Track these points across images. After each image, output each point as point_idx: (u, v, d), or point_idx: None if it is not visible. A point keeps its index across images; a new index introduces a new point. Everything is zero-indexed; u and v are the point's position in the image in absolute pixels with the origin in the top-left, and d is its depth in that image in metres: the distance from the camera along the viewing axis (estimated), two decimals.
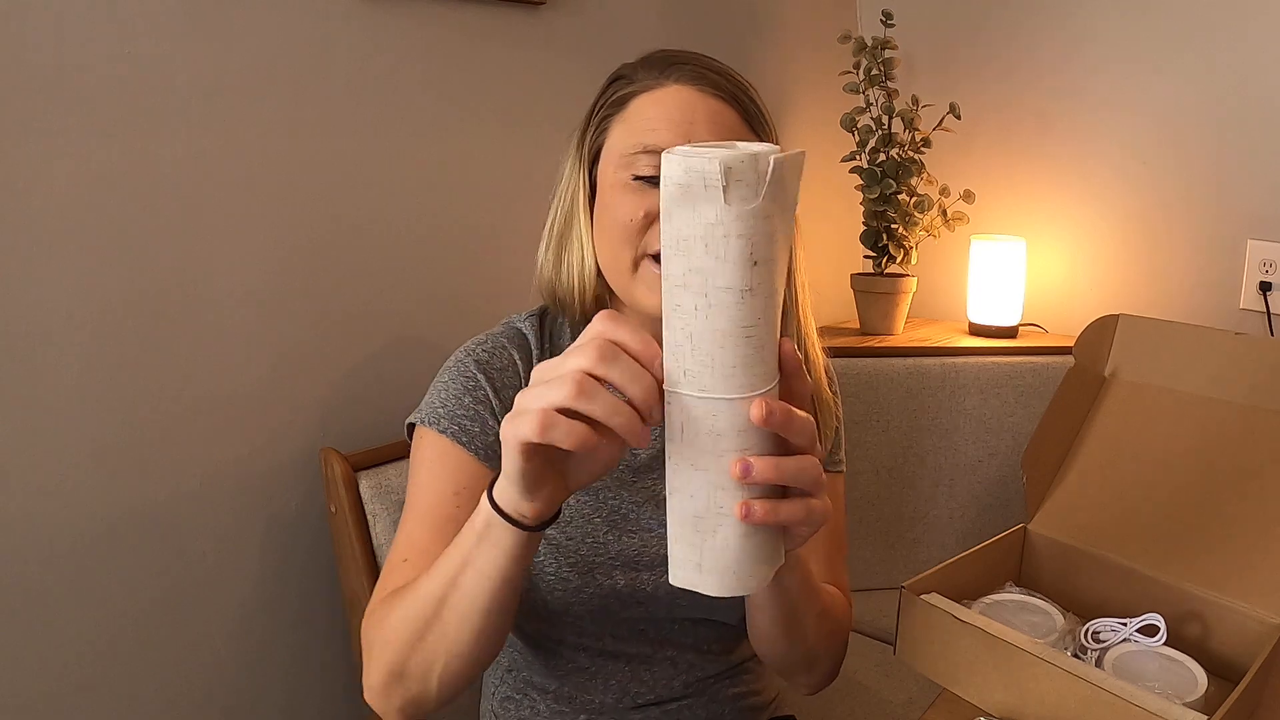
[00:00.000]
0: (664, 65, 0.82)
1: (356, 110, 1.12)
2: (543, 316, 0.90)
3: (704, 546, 0.57)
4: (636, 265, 0.80)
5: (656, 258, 0.78)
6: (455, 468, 0.80)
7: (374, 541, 1.05)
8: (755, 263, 0.52)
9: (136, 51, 0.94)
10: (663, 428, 0.57)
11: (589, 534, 0.83)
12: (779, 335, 0.56)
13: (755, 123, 0.82)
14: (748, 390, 0.54)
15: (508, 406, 0.81)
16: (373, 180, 1.15)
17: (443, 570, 0.67)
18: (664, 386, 0.56)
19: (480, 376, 0.83)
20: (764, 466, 0.54)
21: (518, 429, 0.56)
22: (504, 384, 0.84)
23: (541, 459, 0.58)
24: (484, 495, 0.64)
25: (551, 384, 0.55)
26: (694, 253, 0.53)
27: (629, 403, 0.55)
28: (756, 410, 0.53)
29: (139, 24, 0.94)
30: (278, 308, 1.08)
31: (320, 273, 1.11)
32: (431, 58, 1.18)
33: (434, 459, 0.81)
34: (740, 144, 0.55)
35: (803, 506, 0.57)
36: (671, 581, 0.59)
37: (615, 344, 0.55)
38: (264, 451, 1.08)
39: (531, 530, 0.63)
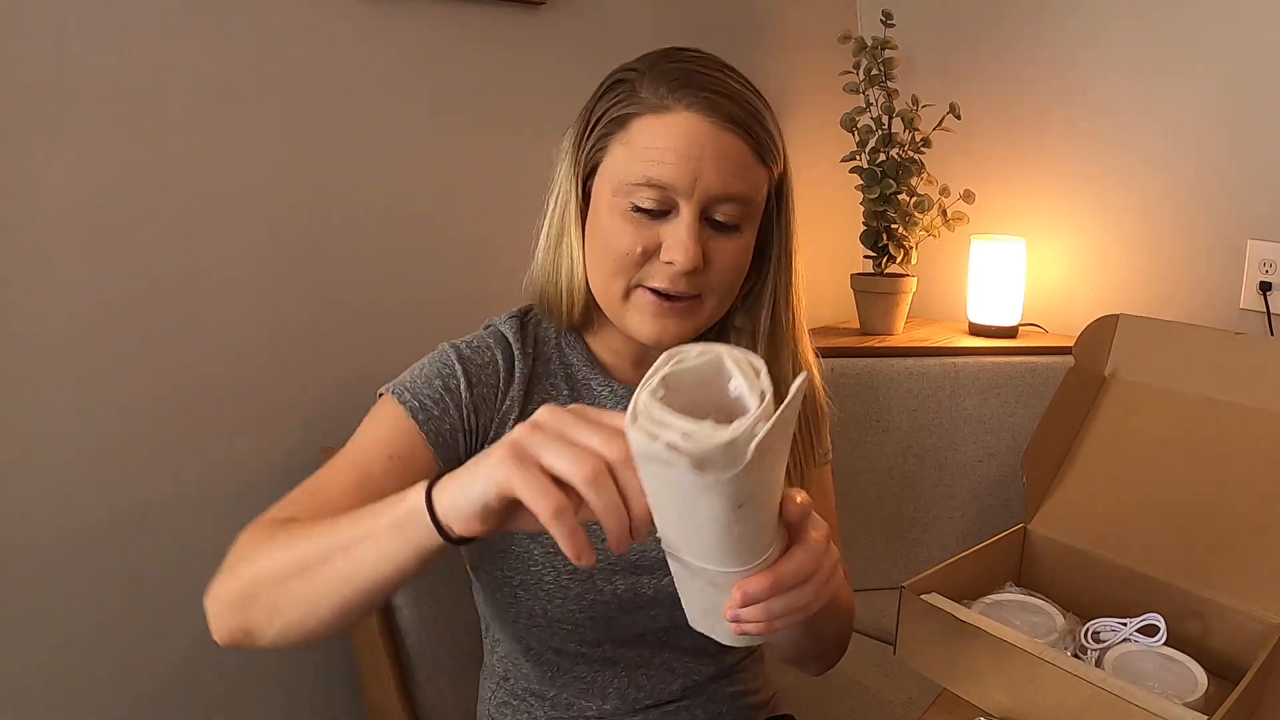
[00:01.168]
0: (673, 85, 0.76)
1: (356, 110, 1.12)
2: (523, 318, 0.88)
3: (716, 627, 0.59)
4: (629, 294, 0.79)
5: (653, 288, 0.77)
6: (399, 435, 0.78)
7: None
8: (740, 505, 0.50)
9: (136, 51, 0.94)
10: None
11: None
12: (779, 503, 0.55)
13: (766, 153, 0.79)
14: (741, 565, 0.54)
15: (478, 402, 0.81)
16: (372, 180, 1.15)
17: (341, 531, 0.64)
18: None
19: (458, 367, 0.81)
20: (753, 615, 0.55)
21: (510, 479, 0.54)
22: (480, 380, 0.82)
23: (510, 505, 0.57)
24: (420, 487, 0.60)
25: (567, 453, 0.53)
26: (670, 505, 0.52)
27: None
28: (738, 592, 0.54)
29: (139, 24, 0.94)
30: (277, 307, 1.08)
31: (320, 272, 1.11)
32: (431, 58, 1.18)
33: (385, 421, 0.79)
34: (725, 378, 0.52)
35: (795, 603, 0.57)
36: (692, 626, 0.61)
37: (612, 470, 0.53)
38: (264, 451, 1.08)
39: (451, 542, 0.60)
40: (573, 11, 1.33)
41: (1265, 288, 1.44)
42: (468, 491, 0.57)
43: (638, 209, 0.76)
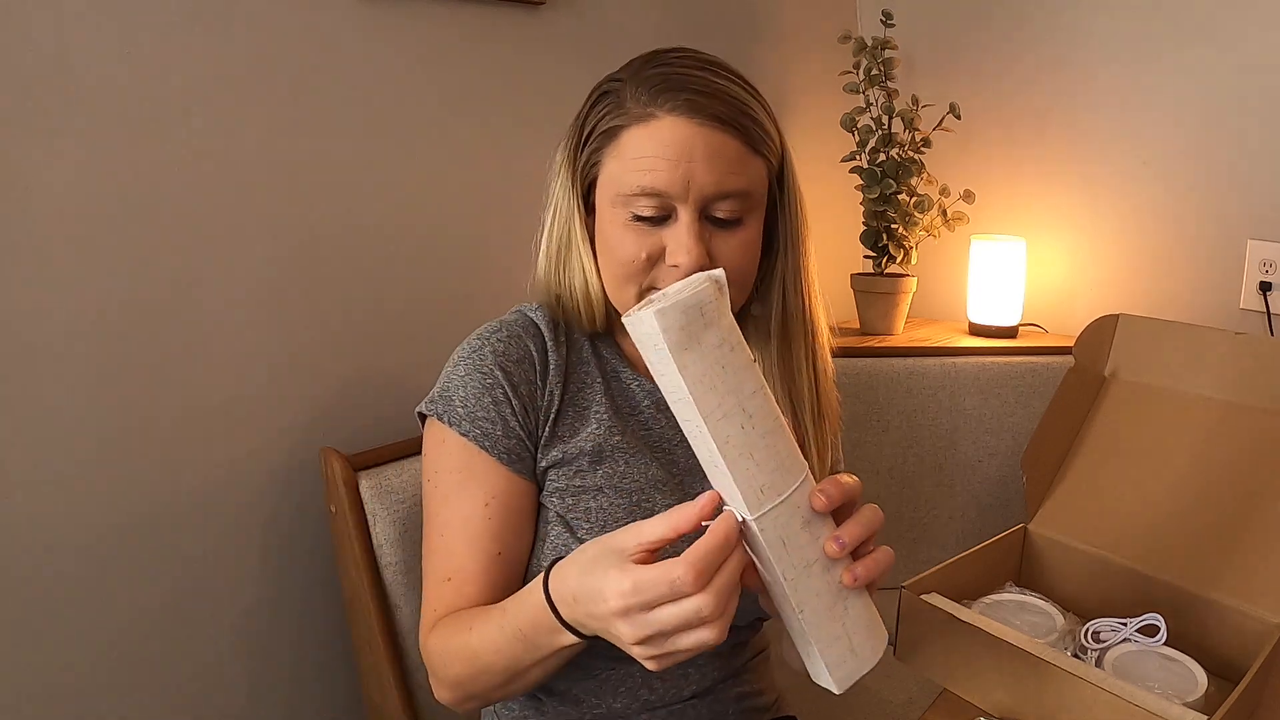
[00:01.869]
0: (654, 91, 0.76)
1: (356, 110, 1.12)
2: (553, 315, 0.88)
3: (847, 626, 0.64)
4: (641, 298, 0.79)
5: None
6: (481, 475, 0.81)
7: (374, 541, 1.05)
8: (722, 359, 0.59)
9: (136, 51, 0.94)
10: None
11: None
12: (779, 422, 0.62)
13: (759, 145, 0.79)
14: (803, 473, 0.62)
15: (526, 405, 0.82)
16: (372, 180, 1.14)
17: (508, 654, 0.72)
18: (745, 518, 0.60)
19: (498, 373, 0.81)
20: (852, 535, 0.63)
21: (633, 650, 0.61)
22: (521, 378, 0.82)
23: None
24: (554, 624, 0.67)
25: (704, 626, 0.59)
26: (709, 392, 0.59)
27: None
28: (817, 500, 0.63)
29: (139, 24, 0.94)
30: (278, 307, 1.08)
31: (320, 272, 1.11)
32: (431, 58, 1.18)
33: (459, 465, 0.81)
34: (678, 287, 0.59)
35: (885, 554, 0.66)
36: (838, 691, 0.66)
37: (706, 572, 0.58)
38: (264, 452, 1.08)
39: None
40: (573, 11, 1.33)
41: (1265, 288, 1.44)
42: (586, 625, 0.65)
43: (638, 218, 0.77)
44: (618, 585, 0.59)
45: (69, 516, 0.95)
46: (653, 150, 0.76)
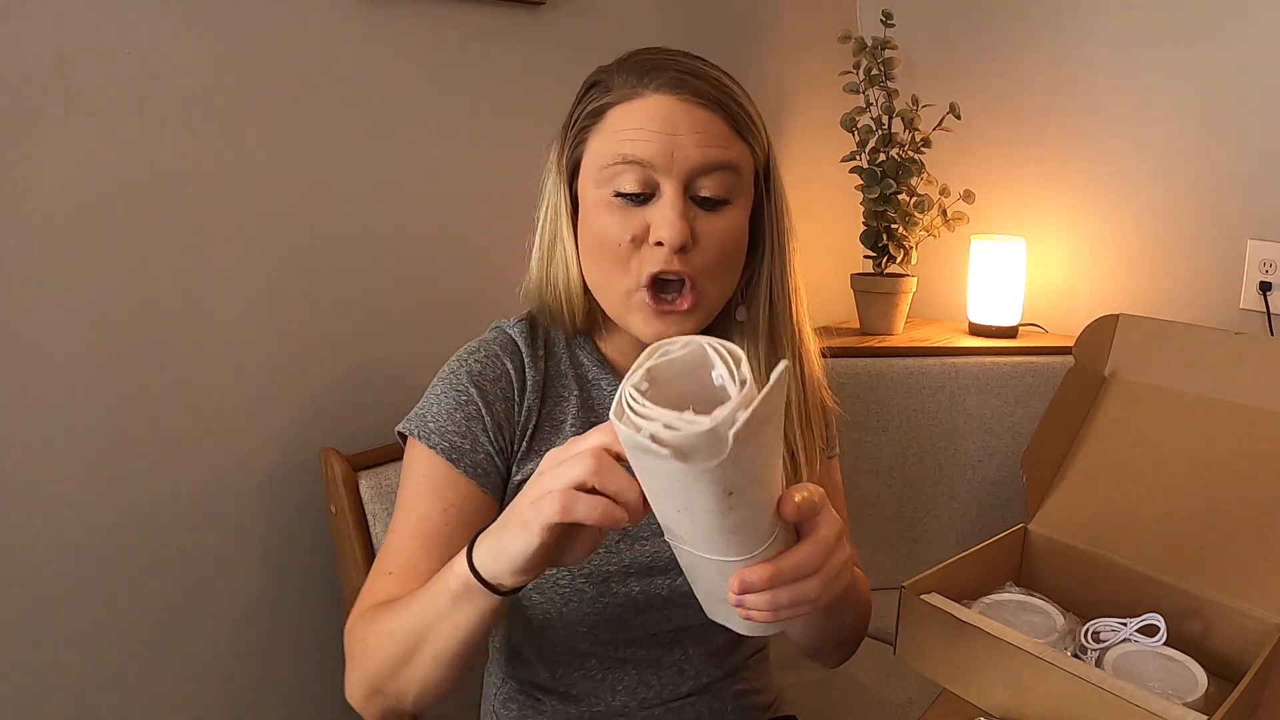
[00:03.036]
0: (642, 72, 0.76)
1: (356, 110, 1.12)
2: (533, 323, 0.88)
3: (731, 618, 0.61)
4: (629, 296, 0.78)
5: (649, 287, 0.77)
6: (445, 485, 0.80)
7: (374, 542, 1.05)
8: (730, 493, 0.51)
9: (136, 51, 0.94)
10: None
11: (603, 545, 0.82)
12: (778, 496, 0.56)
13: (744, 129, 0.78)
14: (747, 553, 0.56)
15: (500, 421, 0.81)
16: (372, 180, 1.14)
17: (419, 616, 0.70)
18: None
19: (472, 390, 0.81)
20: (757, 603, 0.57)
21: (540, 513, 0.58)
22: (496, 395, 0.82)
23: (554, 540, 0.60)
24: (462, 557, 0.66)
25: (568, 463, 0.57)
26: (664, 496, 0.54)
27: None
28: (736, 580, 0.56)
29: (139, 24, 0.94)
30: (278, 307, 1.08)
31: (320, 272, 1.11)
32: (431, 57, 1.18)
33: (425, 475, 0.81)
34: (708, 368, 0.53)
35: (800, 596, 0.58)
36: (709, 616, 0.64)
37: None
38: (264, 451, 1.08)
39: (505, 595, 0.65)
40: (573, 11, 1.33)
41: (1265, 288, 1.44)
42: (506, 552, 0.62)
43: (620, 194, 0.76)
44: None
45: (69, 516, 0.95)
46: (637, 123, 0.75)
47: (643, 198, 0.76)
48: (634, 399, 0.51)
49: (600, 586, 0.81)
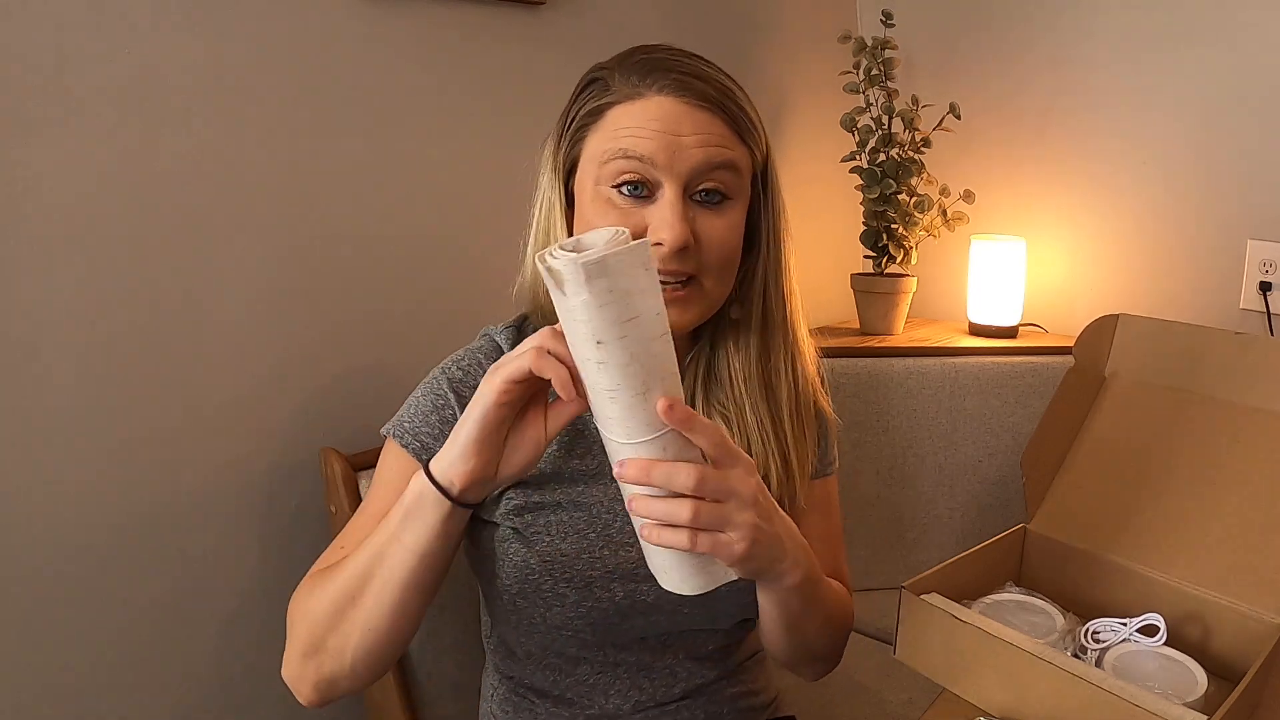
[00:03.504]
0: (643, 72, 0.76)
1: (356, 111, 1.12)
2: (520, 327, 0.88)
3: (652, 555, 0.68)
4: None
5: None
6: (410, 479, 0.78)
7: None
8: (599, 342, 0.59)
9: (136, 51, 0.94)
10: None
11: (584, 549, 0.82)
12: (658, 394, 0.61)
13: (745, 131, 0.79)
14: (630, 438, 0.63)
15: None
16: (372, 180, 1.15)
17: (368, 547, 0.72)
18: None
19: (450, 395, 0.82)
20: (634, 471, 0.63)
21: (508, 366, 0.65)
22: None
23: (506, 410, 0.67)
24: (417, 472, 0.70)
25: (520, 353, 0.66)
26: (571, 344, 0.63)
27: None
28: (617, 470, 0.63)
29: (139, 24, 0.94)
30: (278, 307, 1.08)
31: (320, 272, 1.11)
32: (431, 57, 1.18)
33: (393, 468, 0.82)
34: (602, 233, 0.64)
35: (668, 512, 0.63)
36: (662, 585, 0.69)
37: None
38: (264, 451, 1.08)
39: (457, 504, 0.69)
40: (573, 11, 1.33)
41: (1265, 288, 1.44)
42: (456, 438, 0.68)
43: (619, 189, 0.76)
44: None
45: (69, 516, 0.95)
46: (638, 121, 0.75)
47: (642, 195, 0.76)
48: (552, 251, 0.61)
49: (583, 591, 0.81)
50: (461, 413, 0.79)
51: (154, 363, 0.99)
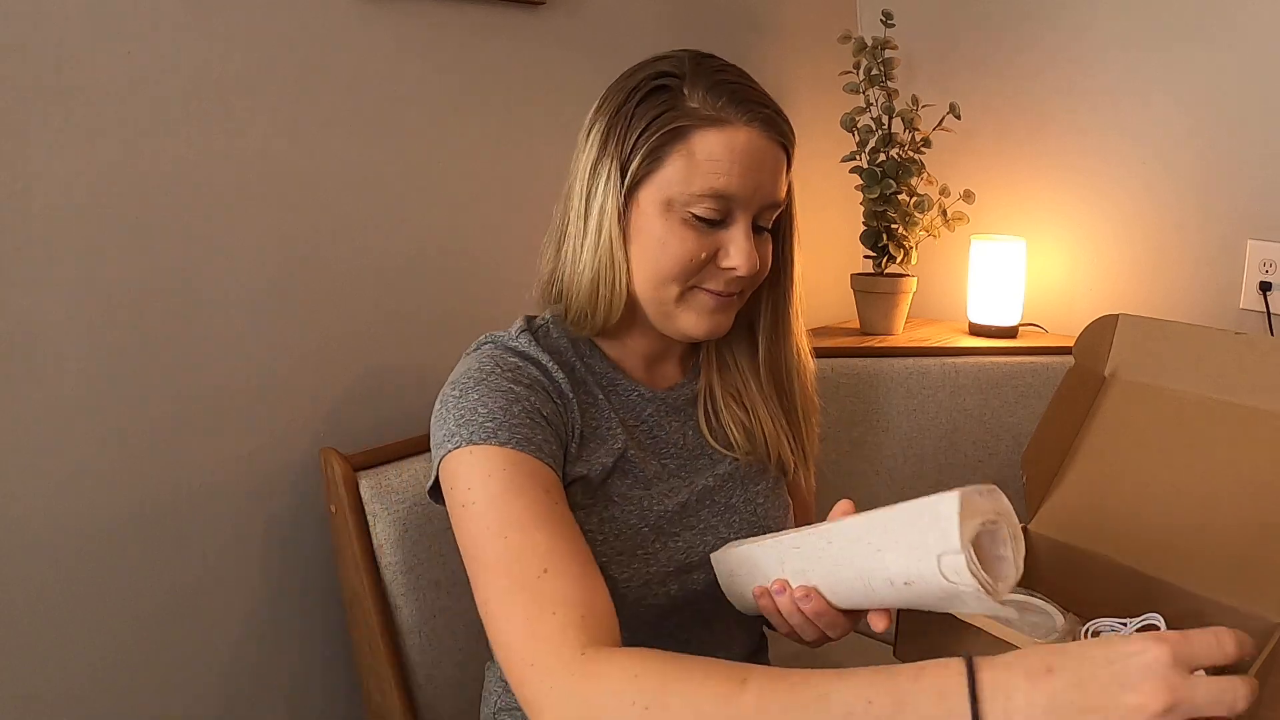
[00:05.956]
0: (730, 98, 0.78)
1: (356, 110, 1.12)
2: (532, 332, 0.86)
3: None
4: (684, 294, 0.82)
5: (707, 289, 0.82)
6: (532, 471, 0.74)
7: (374, 541, 1.05)
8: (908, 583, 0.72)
9: (136, 51, 0.94)
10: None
11: (639, 546, 0.82)
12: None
13: (791, 161, 0.85)
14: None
15: (550, 419, 0.79)
16: (373, 180, 1.15)
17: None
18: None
19: (517, 389, 0.78)
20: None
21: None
22: (541, 399, 0.79)
23: None
24: (961, 692, 0.55)
25: (1224, 690, 0.54)
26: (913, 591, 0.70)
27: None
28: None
29: (139, 24, 0.94)
30: (278, 307, 1.08)
31: (321, 272, 1.11)
32: (431, 57, 1.18)
33: (502, 468, 0.73)
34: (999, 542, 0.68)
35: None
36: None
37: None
38: (264, 451, 1.08)
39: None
40: (573, 11, 1.33)
41: (1265, 288, 1.44)
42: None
43: (698, 219, 0.79)
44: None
45: (69, 515, 0.95)
46: (729, 156, 0.78)
47: (716, 222, 0.81)
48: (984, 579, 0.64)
49: (642, 590, 0.82)
50: (538, 404, 0.77)
51: (154, 362, 0.99)
